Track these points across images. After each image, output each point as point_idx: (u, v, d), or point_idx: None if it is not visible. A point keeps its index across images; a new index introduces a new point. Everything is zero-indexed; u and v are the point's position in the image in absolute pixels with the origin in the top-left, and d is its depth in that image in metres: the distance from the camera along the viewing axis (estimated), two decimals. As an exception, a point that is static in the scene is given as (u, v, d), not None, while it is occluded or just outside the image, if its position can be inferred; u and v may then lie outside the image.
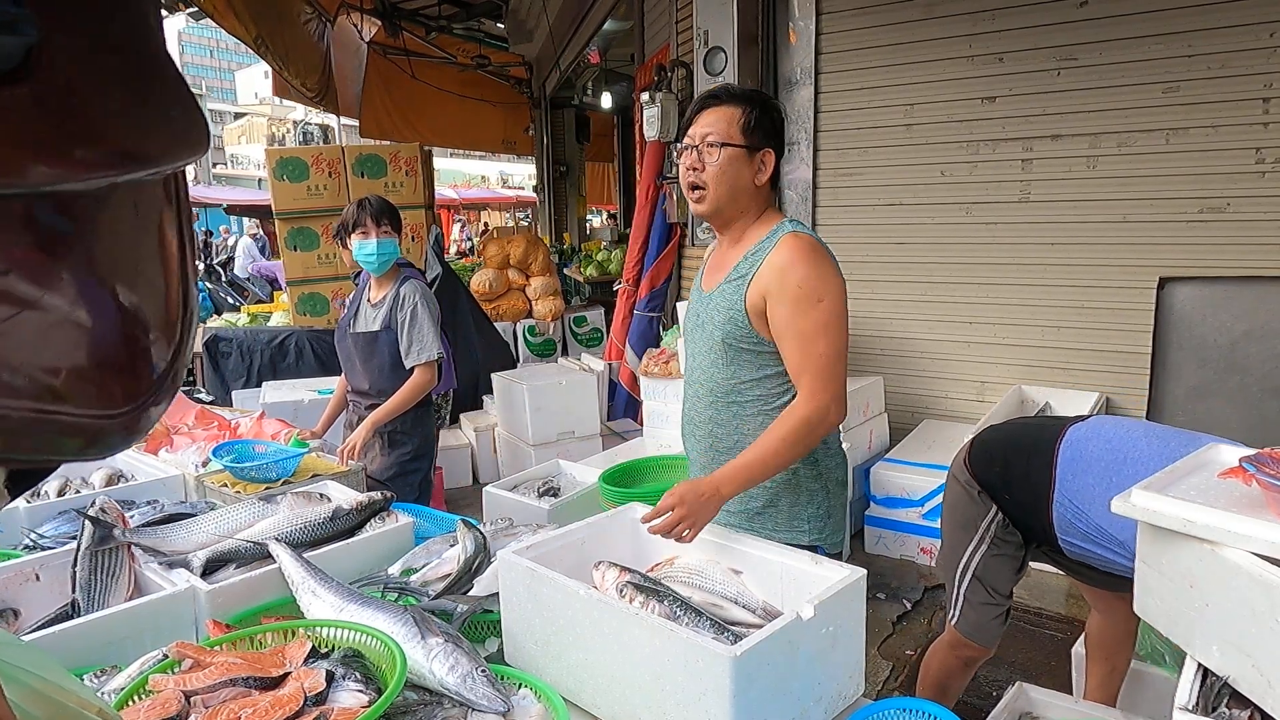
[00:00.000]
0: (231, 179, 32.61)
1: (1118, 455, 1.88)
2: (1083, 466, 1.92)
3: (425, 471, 3.16)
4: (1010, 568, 2.12)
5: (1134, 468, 1.82)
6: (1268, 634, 1.23)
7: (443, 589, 1.73)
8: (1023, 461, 2.05)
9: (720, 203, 1.81)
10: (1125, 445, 1.90)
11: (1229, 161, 3.66)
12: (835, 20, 4.52)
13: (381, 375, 3.02)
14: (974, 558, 2.12)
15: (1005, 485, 2.08)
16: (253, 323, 6.54)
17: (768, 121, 1.80)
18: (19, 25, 0.30)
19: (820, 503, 1.91)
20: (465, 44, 10.04)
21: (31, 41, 0.31)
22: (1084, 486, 1.90)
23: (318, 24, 7.40)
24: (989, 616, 2.13)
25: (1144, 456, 1.84)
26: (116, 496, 2.13)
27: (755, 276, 1.77)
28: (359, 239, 2.92)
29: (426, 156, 6.21)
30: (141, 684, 1.28)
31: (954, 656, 2.22)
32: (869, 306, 4.74)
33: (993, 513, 2.09)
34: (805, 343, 1.74)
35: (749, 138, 1.77)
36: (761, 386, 1.84)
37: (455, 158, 30.21)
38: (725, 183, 1.79)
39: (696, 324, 1.92)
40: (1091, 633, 2.34)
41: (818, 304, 1.73)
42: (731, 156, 1.78)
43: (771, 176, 1.84)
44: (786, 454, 1.73)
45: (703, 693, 1.22)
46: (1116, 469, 1.85)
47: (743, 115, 1.77)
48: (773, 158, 1.80)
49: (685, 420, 1.99)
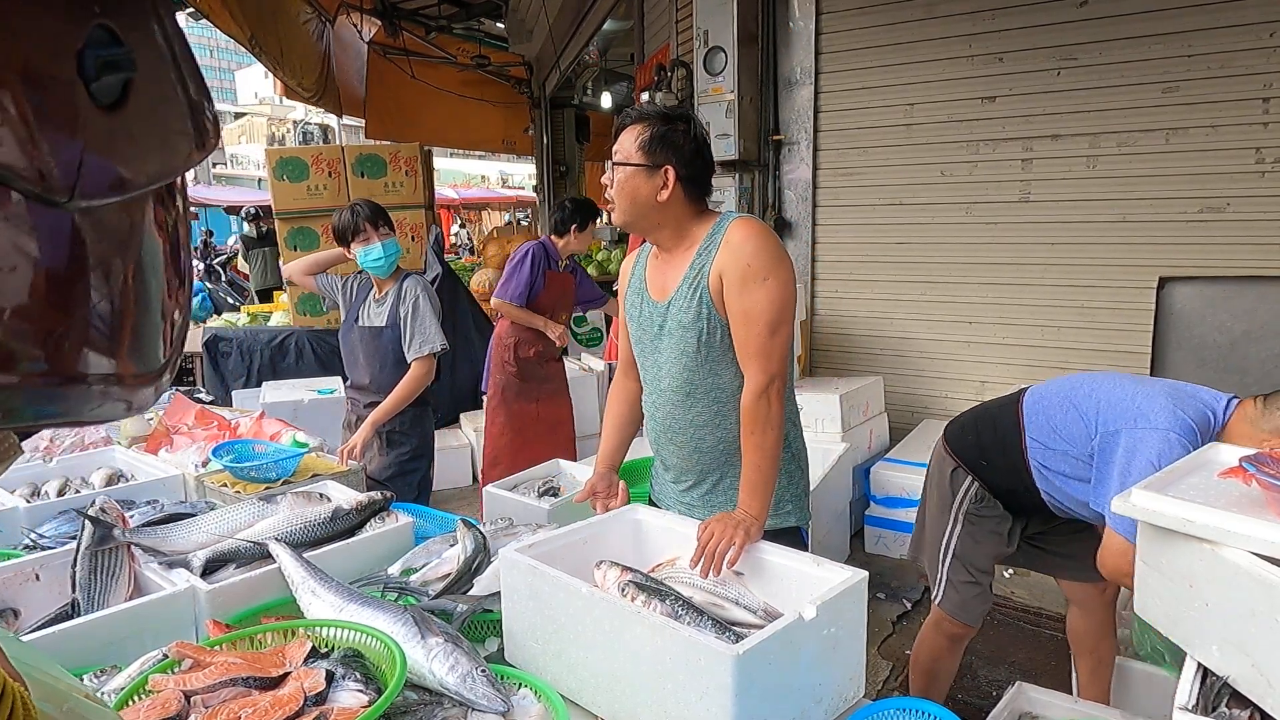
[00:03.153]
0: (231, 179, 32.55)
1: (1073, 387, 2.08)
2: (1043, 406, 2.11)
3: (424, 471, 3.17)
4: (989, 545, 2.25)
5: (1089, 387, 2.03)
6: (1267, 634, 1.23)
7: (443, 589, 1.73)
8: (990, 425, 2.23)
9: (627, 216, 1.87)
10: (1078, 380, 2.10)
11: (1229, 161, 3.66)
12: (835, 20, 4.52)
13: (383, 371, 3.03)
14: (952, 538, 2.26)
15: (981, 451, 2.23)
16: (253, 323, 6.54)
17: (673, 139, 1.80)
18: (121, 63, 0.34)
19: (797, 480, 1.97)
20: (465, 44, 10.03)
21: (131, 76, 0.34)
22: (1047, 420, 2.07)
23: (317, 24, 7.40)
24: (971, 594, 2.26)
25: (1099, 382, 2.03)
26: (116, 496, 2.13)
27: (713, 263, 1.79)
28: (362, 246, 2.93)
29: (426, 156, 6.21)
30: (141, 684, 1.28)
31: (940, 635, 2.34)
32: (869, 306, 4.74)
33: (965, 487, 2.23)
34: (749, 321, 1.77)
35: (647, 156, 1.80)
36: (740, 378, 1.84)
37: (455, 158, 30.18)
38: (626, 198, 1.83)
39: (657, 333, 1.91)
40: (1072, 628, 2.42)
41: (764, 281, 1.75)
42: (630, 174, 1.81)
43: (686, 190, 1.83)
44: (769, 438, 1.77)
45: (704, 692, 1.22)
46: (1072, 395, 2.05)
47: (643, 134, 1.80)
48: (673, 174, 1.80)
49: (659, 429, 1.98)
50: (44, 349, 0.33)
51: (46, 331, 0.33)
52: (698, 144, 1.84)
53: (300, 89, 7.16)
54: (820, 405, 4.05)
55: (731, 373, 1.85)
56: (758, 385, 1.77)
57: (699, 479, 1.95)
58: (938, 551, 2.30)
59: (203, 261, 13.11)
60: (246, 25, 5.41)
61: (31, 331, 0.32)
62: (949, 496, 2.27)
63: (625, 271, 2.08)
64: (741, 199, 4.70)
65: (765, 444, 1.77)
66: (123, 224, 0.37)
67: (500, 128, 12.00)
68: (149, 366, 0.40)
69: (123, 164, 0.35)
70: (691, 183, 1.84)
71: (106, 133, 0.34)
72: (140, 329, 0.39)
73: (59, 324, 0.34)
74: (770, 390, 1.76)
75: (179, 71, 0.38)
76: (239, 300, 10.75)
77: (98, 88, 0.33)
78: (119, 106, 0.34)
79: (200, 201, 17.02)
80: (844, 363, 4.85)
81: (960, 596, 2.27)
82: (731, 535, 1.61)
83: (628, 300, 2.02)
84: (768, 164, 4.75)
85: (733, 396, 1.86)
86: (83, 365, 0.35)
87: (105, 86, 0.33)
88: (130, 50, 0.34)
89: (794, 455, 1.97)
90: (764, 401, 1.76)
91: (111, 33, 0.34)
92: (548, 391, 4.29)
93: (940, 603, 2.31)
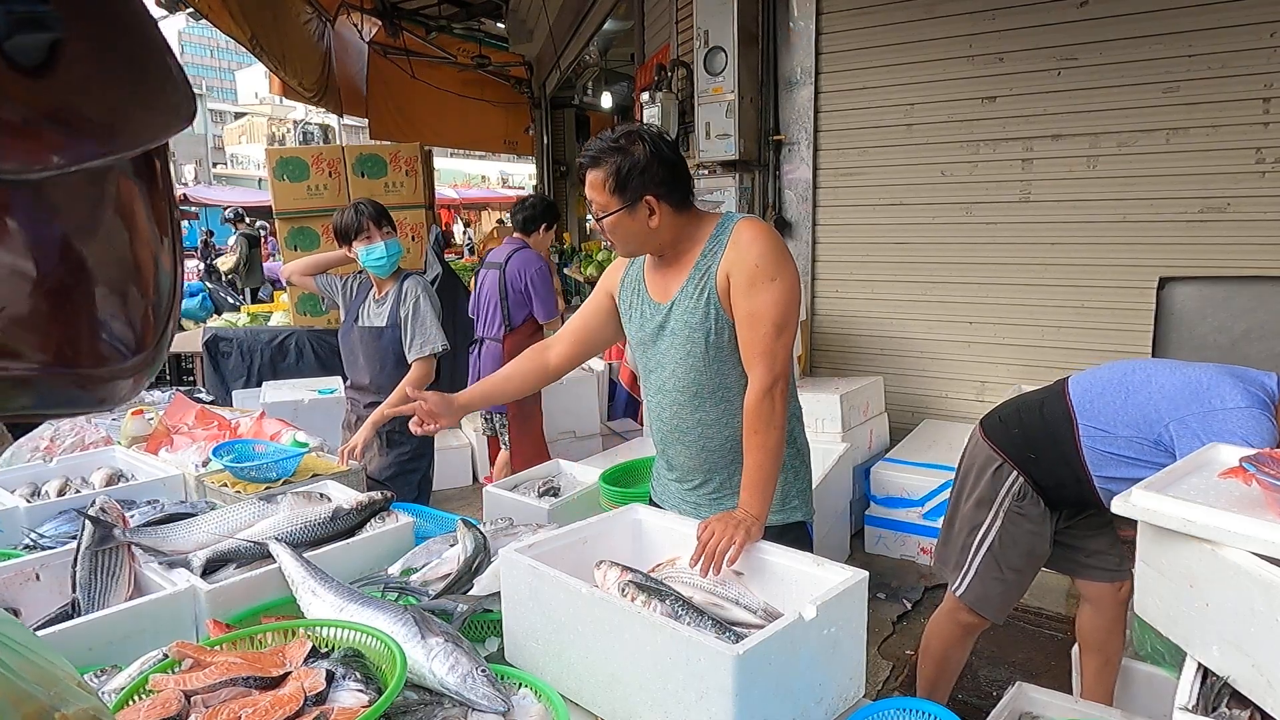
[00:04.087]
0: (232, 179, 32.60)
1: (1125, 373, 2.07)
2: (1096, 393, 2.09)
3: (424, 471, 3.17)
4: (1026, 543, 2.22)
5: (1144, 374, 2.03)
6: (1267, 634, 1.23)
7: (443, 589, 1.73)
8: (1036, 415, 2.20)
9: (630, 248, 1.89)
10: (1129, 367, 2.10)
11: (1229, 161, 3.66)
12: (835, 20, 4.52)
13: (383, 371, 3.03)
14: (989, 533, 2.23)
15: (1028, 443, 2.19)
16: (253, 322, 6.54)
17: (635, 167, 1.77)
18: (46, 22, 0.32)
19: (802, 476, 1.98)
20: (465, 44, 10.04)
21: (57, 37, 0.33)
22: (1103, 406, 2.05)
23: (318, 24, 7.40)
24: (996, 590, 2.25)
25: (1151, 369, 2.03)
26: (117, 496, 2.13)
27: (719, 263, 1.79)
28: (364, 245, 2.94)
29: (427, 156, 6.20)
30: (142, 684, 1.27)
31: (955, 625, 2.34)
32: (869, 306, 4.74)
33: (1010, 482, 2.20)
34: (756, 322, 1.77)
35: (622, 196, 1.78)
36: (745, 378, 1.84)
37: (455, 158, 30.21)
38: (622, 239, 1.85)
39: (658, 334, 1.91)
40: (1082, 625, 2.41)
41: (770, 283, 1.76)
42: (616, 219, 1.81)
43: (673, 203, 1.82)
44: (772, 437, 1.77)
45: (704, 692, 1.22)
46: (1126, 381, 2.05)
47: (608, 176, 1.78)
48: (655, 200, 1.79)
49: (666, 430, 1.98)
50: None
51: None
52: (661, 155, 1.80)
53: (301, 89, 7.16)
54: (820, 405, 4.05)
55: (739, 372, 1.85)
56: (762, 385, 1.77)
57: (706, 478, 1.96)
58: (970, 543, 2.26)
59: (203, 261, 13.11)
60: (247, 25, 5.42)
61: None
62: (991, 492, 2.24)
63: (617, 270, 2.06)
64: (742, 199, 4.70)
65: (768, 444, 1.76)
66: (70, 201, 0.35)
67: (501, 127, 12.01)
68: (112, 358, 0.38)
69: (56, 134, 0.33)
70: (673, 193, 1.82)
71: (27, 98, 0.32)
72: (100, 317, 0.37)
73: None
74: (774, 390, 1.76)
75: (134, 39, 0.36)
76: (239, 300, 10.75)
77: (12, 47, 0.31)
78: (44, 71, 0.32)
79: (200, 201, 17.04)
80: (844, 363, 4.85)
81: (985, 590, 2.26)
82: (732, 534, 1.61)
83: (624, 302, 2.01)
84: (768, 164, 4.75)
85: (740, 395, 1.85)
86: (25, 353, 0.34)
87: (22, 47, 0.31)
88: (55, 11, 0.33)
89: (798, 451, 1.97)
90: (768, 401, 1.76)
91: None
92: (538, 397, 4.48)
93: (962, 593, 2.28)
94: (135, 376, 0.40)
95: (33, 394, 0.35)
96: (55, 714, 0.50)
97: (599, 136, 1.86)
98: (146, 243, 0.40)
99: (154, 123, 0.37)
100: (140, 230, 0.40)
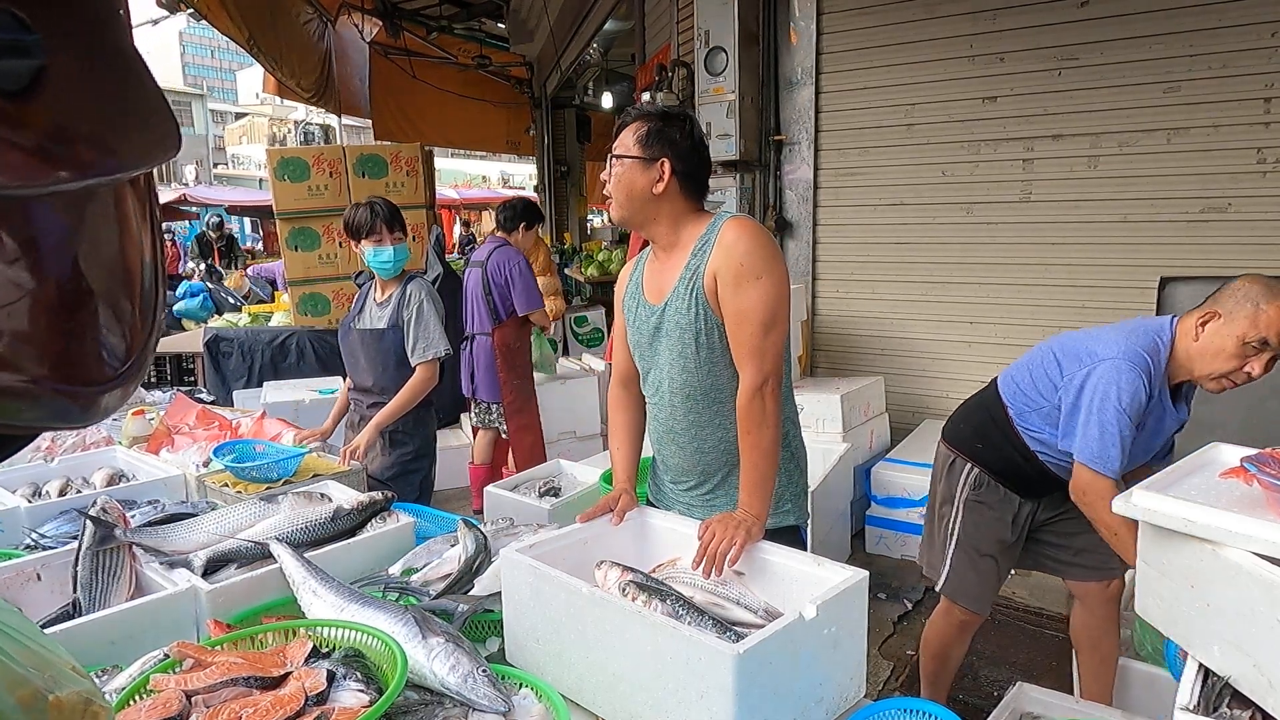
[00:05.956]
0: (232, 179, 32.57)
1: (1033, 352, 2.29)
2: (1014, 376, 2.30)
3: (426, 471, 3.16)
4: (991, 529, 2.34)
5: (1045, 347, 2.24)
6: (1268, 634, 1.23)
7: (443, 589, 1.73)
8: (978, 409, 2.39)
9: (623, 209, 1.89)
10: (1039, 346, 2.29)
11: (1230, 161, 3.66)
12: (836, 20, 4.52)
13: (385, 373, 3.03)
14: (955, 524, 2.37)
15: (976, 435, 2.37)
16: (253, 323, 6.54)
17: (670, 134, 1.83)
18: (30, 50, 0.33)
19: (796, 480, 1.97)
20: (466, 44, 10.04)
21: (40, 65, 0.34)
22: (1018, 386, 2.25)
23: (318, 24, 7.41)
24: (973, 580, 2.37)
25: (1053, 341, 2.24)
26: (118, 496, 2.13)
27: (707, 263, 1.80)
28: (373, 245, 2.93)
29: (428, 156, 6.21)
30: (142, 684, 1.28)
31: (950, 623, 2.44)
32: (869, 306, 4.74)
33: (964, 474, 2.36)
34: (743, 321, 1.76)
35: (644, 149, 1.82)
36: (738, 379, 1.84)
37: (456, 158, 30.20)
38: (623, 190, 1.85)
39: (653, 335, 1.92)
40: (1075, 624, 2.46)
41: (757, 280, 1.75)
42: (627, 166, 1.84)
43: (682, 185, 1.84)
44: (766, 437, 1.77)
45: (705, 691, 1.22)
46: (1032, 358, 2.25)
47: (642, 128, 1.84)
48: (669, 167, 1.82)
49: (661, 431, 1.98)
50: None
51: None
52: (695, 142, 1.86)
53: (299, 89, 7.16)
54: (821, 405, 4.05)
55: (731, 373, 1.85)
56: (752, 385, 1.77)
57: (701, 479, 1.95)
58: (944, 540, 2.39)
59: (203, 262, 13.12)
60: (245, 26, 5.42)
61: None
62: (950, 488, 2.39)
63: (623, 278, 2.08)
64: (742, 199, 4.70)
65: (762, 443, 1.76)
66: (49, 222, 0.36)
67: (503, 128, 12.00)
68: (89, 375, 0.38)
69: (38, 157, 0.34)
70: (688, 179, 1.85)
71: (10, 121, 0.33)
72: (77, 336, 0.37)
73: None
74: (765, 389, 1.76)
75: (121, 68, 0.37)
76: (240, 300, 10.75)
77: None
78: (27, 96, 0.33)
79: (201, 201, 17.03)
80: (845, 363, 4.85)
81: (962, 581, 2.37)
82: (733, 535, 1.62)
83: (626, 305, 2.02)
84: (769, 164, 4.75)
85: (733, 396, 1.85)
86: (25, 366, 0.34)
87: (6, 72, 0.33)
88: (39, 38, 0.34)
89: (792, 455, 1.97)
90: (759, 400, 1.76)
91: (18, 19, 0.33)
92: (531, 386, 4.57)
93: (945, 589, 2.40)
94: (123, 386, 0.40)
95: (26, 406, 0.36)
96: (49, 696, 0.50)
97: (653, 102, 1.89)
98: (136, 251, 0.41)
99: (138, 150, 0.38)
100: (130, 238, 0.41)
